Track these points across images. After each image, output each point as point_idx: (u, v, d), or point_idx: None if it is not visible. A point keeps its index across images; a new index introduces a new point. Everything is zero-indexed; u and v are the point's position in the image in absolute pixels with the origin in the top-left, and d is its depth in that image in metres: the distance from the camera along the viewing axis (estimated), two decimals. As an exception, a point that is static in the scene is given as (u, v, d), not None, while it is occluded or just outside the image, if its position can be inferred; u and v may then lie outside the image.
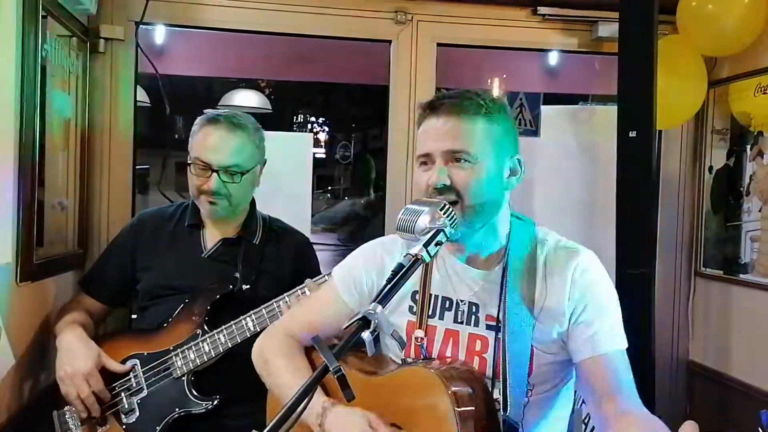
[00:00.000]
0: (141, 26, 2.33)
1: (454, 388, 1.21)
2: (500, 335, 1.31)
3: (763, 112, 2.34)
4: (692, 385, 2.70)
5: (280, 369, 1.45)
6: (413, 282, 1.40)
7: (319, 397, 1.33)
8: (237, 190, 1.86)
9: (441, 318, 1.38)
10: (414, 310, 1.41)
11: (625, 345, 1.32)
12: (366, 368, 1.42)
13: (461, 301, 1.37)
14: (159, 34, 2.54)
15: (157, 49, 2.67)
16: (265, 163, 1.97)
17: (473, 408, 1.22)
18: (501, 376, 1.28)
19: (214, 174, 1.83)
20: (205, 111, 1.93)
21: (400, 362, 1.41)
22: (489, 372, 1.32)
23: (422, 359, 1.37)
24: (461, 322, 1.36)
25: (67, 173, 2.18)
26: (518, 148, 1.37)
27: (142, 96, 3.21)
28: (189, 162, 1.87)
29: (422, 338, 1.37)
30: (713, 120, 2.60)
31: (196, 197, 1.89)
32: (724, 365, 2.51)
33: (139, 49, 2.36)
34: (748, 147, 2.40)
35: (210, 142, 1.84)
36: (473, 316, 1.36)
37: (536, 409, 1.35)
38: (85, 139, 2.26)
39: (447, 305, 1.38)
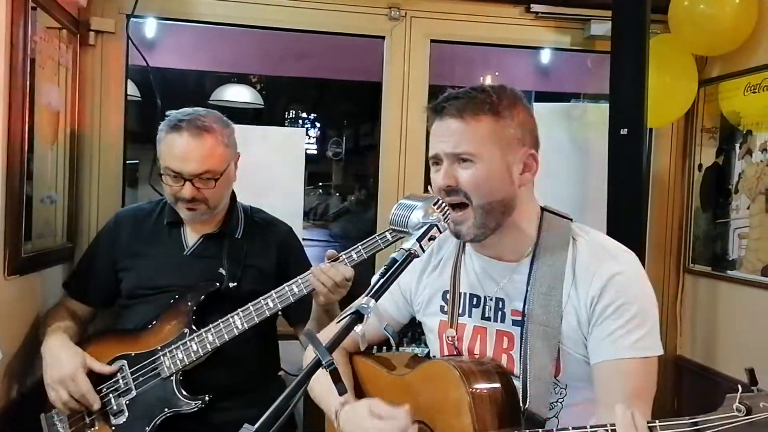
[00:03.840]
0: (132, 19, 2.31)
1: (470, 380, 1.22)
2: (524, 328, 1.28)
3: (752, 111, 2.36)
4: (680, 380, 2.72)
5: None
6: (443, 282, 1.42)
7: (333, 403, 1.35)
8: (213, 193, 1.83)
9: (470, 315, 1.37)
10: (445, 309, 1.41)
11: (652, 353, 1.24)
12: (399, 369, 1.44)
13: (488, 297, 1.36)
14: (150, 27, 2.51)
15: (148, 42, 2.65)
16: (239, 156, 1.92)
17: (491, 399, 1.22)
18: (522, 367, 1.26)
19: (188, 183, 1.79)
20: (167, 114, 1.87)
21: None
22: (517, 369, 1.28)
23: (450, 356, 1.38)
24: (488, 319, 1.35)
25: (56, 167, 2.16)
26: (534, 142, 1.32)
27: (133, 90, 3.17)
28: (161, 172, 1.83)
29: (453, 337, 1.37)
30: (703, 118, 2.62)
31: (173, 204, 1.86)
32: (711, 360, 2.54)
33: (129, 42, 2.34)
34: (737, 145, 2.42)
35: (177, 151, 1.78)
36: (499, 312, 1.34)
37: (576, 417, 1.29)
38: (75, 132, 2.24)
39: (475, 302, 1.37)
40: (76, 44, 2.22)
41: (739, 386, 0.93)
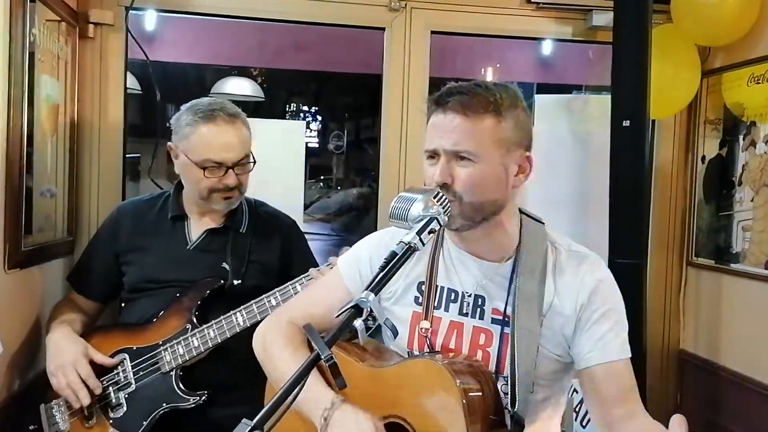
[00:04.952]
0: (131, 11, 2.30)
1: (462, 381, 1.21)
2: (507, 330, 1.30)
3: (756, 102, 2.34)
4: (683, 374, 2.71)
5: (278, 357, 1.43)
6: (419, 273, 1.40)
7: (328, 391, 1.31)
8: (247, 178, 1.86)
9: (446, 310, 1.37)
10: (420, 300, 1.39)
11: (629, 354, 1.31)
12: (369, 360, 1.41)
13: (467, 293, 1.36)
14: (150, 19, 2.50)
15: (148, 35, 2.64)
16: None
17: (481, 401, 1.22)
18: (510, 371, 1.27)
19: (230, 171, 1.79)
20: (182, 107, 1.85)
21: (405, 354, 1.40)
22: (492, 367, 1.31)
23: (427, 352, 1.36)
24: (466, 315, 1.35)
25: (56, 160, 2.15)
26: (530, 144, 1.33)
27: (133, 83, 3.17)
28: (199, 165, 1.78)
29: (427, 329, 1.36)
30: (706, 110, 2.60)
31: (205, 197, 1.83)
32: (715, 354, 2.53)
33: (129, 35, 2.33)
34: (741, 137, 2.41)
35: (218, 141, 1.78)
36: (479, 309, 1.34)
37: (535, 413, 1.33)
38: (75, 125, 2.23)
39: (452, 297, 1.37)
40: (75, 37, 2.21)
41: None
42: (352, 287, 1.45)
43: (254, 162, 1.86)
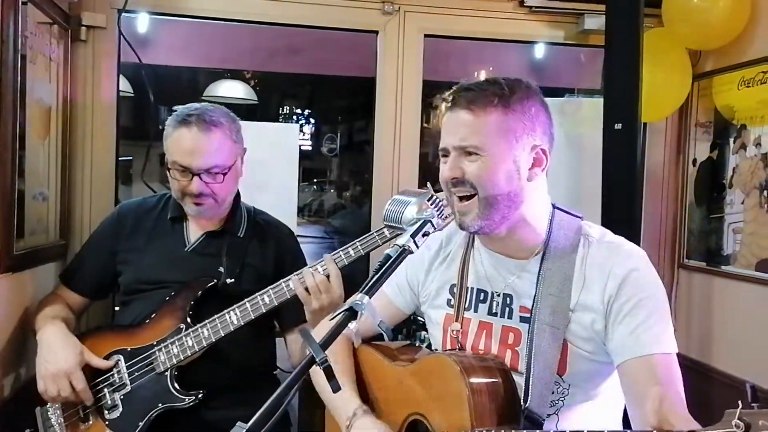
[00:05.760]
0: (124, 14, 2.29)
1: (470, 375, 1.22)
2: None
3: (746, 105, 2.36)
4: (675, 376, 2.72)
5: (321, 374, 1.45)
6: (451, 275, 1.42)
7: (355, 400, 1.35)
8: (221, 188, 1.84)
9: (476, 310, 1.37)
10: (452, 303, 1.41)
11: (673, 350, 1.22)
12: (400, 360, 1.45)
13: (496, 293, 1.36)
14: (142, 22, 2.50)
15: (141, 37, 2.62)
16: (245, 151, 1.93)
17: (489, 394, 1.22)
18: (526, 366, 1.25)
19: (196, 177, 1.79)
20: (174, 108, 1.87)
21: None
22: (522, 366, 1.28)
23: (454, 350, 1.38)
24: (495, 314, 1.35)
25: (48, 163, 2.14)
26: (546, 137, 1.30)
27: (125, 85, 3.16)
28: (168, 166, 1.82)
29: (458, 331, 1.37)
30: (697, 113, 2.62)
31: (180, 199, 1.85)
32: (706, 356, 2.54)
33: (121, 38, 2.32)
34: (732, 140, 2.42)
35: (186, 146, 1.78)
36: (507, 308, 1.34)
37: (576, 416, 1.29)
38: (67, 128, 2.23)
39: (482, 297, 1.37)
40: (67, 39, 2.20)
41: (739, 402, 0.91)
42: (393, 298, 1.49)
43: (225, 174, 1.82)
